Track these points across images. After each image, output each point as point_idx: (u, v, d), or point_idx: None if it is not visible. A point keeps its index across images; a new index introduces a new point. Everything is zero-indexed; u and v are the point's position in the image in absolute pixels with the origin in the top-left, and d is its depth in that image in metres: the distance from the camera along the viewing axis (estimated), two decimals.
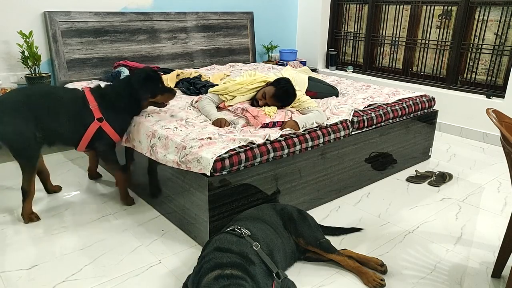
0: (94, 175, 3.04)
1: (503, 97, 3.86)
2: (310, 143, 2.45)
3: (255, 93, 2.83)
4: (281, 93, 2.69)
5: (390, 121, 3.01)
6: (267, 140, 2.28)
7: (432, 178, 3.08)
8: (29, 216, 2.42)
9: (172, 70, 3.75)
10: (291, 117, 2.59)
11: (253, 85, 2.86)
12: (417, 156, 3.39)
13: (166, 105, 2.68)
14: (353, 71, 5.19)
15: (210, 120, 2.62)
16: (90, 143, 2.48)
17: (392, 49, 4.85)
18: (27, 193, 2.39)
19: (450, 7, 4.24)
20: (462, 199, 2.82)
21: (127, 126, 2.59)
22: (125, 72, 3.64)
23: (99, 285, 1.91)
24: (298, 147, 2.39)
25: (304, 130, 2.48)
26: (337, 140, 2.63)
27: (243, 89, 2.84)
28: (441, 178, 3.07)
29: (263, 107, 2.66)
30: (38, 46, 3.41)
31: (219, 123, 2.55)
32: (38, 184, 2.58)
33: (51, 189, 2.78)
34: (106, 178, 3.03)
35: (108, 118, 2.46)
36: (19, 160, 2.35)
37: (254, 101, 2.77)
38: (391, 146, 3.09)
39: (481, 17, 4.03)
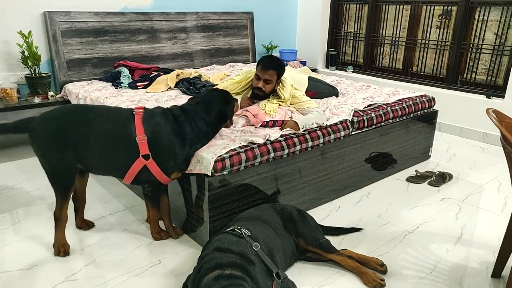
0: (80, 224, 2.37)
1: (503, 97, 3.86)
2: (310, 143, 2.45)
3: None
4: (264, 59, 2.70)
5: (390, 121, 3.01)
6: (267, 140, 2.28)
7: (432, 178, 3.08)
8: (59, 248, 2.10)
9: (172, 70, 3.75)
10: (291, 117, 2.59)
11: (248, 80, 2.87)
12: (417, 156, 3.39)
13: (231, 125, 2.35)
14: (353, 71, 5.19)
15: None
16: (137, 180, 2.08)
17: (392, 49, 4.85)
18: (57, 220, 2.08)
19: (450, 7, 4.24)
20: (462, 199, 2.82)
21: (188, 163, 2.09)
22: (125, 72, 3.64)
23: (99, 285, 1.91)
24: (298, 147, 2.39)
25: (304, 131, 2.48)
26: (337, 140, 2.63)
27: (241, 87, 2.85)
28: (441, 178, 3.07)
29: (263, 105, 2.65)
30: (38, 46, 3.41)
31: (245, 102, 2.70)
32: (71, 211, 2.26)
33: (79, 224, 2.34)
34: (106, 177, 3.02)
35: (156, 156, 1.99)
36: (52, 186, 2.05)
37: (253, 93, 2.76)
38: (391, 146, 3.09)
39: (481, 17, 4.03)
